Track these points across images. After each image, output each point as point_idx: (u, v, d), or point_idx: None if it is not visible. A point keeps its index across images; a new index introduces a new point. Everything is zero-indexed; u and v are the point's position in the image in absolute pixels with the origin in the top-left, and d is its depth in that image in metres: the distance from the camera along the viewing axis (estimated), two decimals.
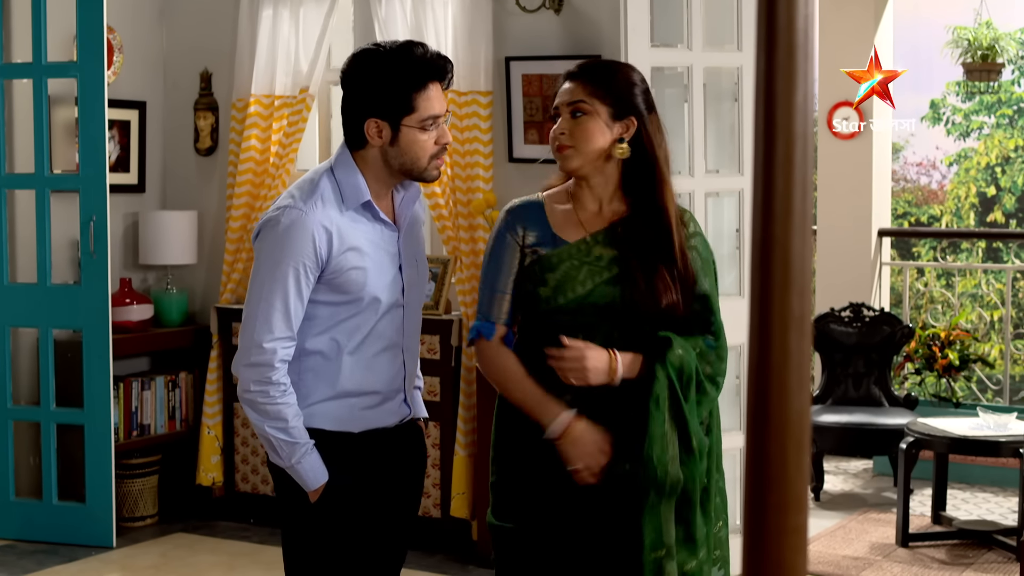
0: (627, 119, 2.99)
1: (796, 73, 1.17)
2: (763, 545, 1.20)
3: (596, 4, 5.49)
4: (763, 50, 1.17)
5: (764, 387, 1.19)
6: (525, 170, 5.69)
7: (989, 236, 13.10)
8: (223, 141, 6.53)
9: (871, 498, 6.89)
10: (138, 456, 6.21)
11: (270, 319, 3.01)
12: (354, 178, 3.08)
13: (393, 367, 3.18)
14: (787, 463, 1.20)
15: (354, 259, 3.04)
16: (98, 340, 5.76)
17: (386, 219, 3.13)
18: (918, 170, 14.44)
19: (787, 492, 1.20)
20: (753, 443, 1.20)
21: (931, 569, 5.59)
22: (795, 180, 1.17)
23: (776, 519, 1.20)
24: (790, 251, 1.17)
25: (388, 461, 3.24)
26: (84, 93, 5.70)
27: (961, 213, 13.80)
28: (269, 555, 5.74)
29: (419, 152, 3.07)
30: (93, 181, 5.73)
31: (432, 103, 3.05)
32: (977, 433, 5.80)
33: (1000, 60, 7.94)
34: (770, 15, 1.16)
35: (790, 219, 1.17)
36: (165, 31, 6.67)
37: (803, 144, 1.17)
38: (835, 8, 8.26)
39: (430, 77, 3.05)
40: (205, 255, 6.57)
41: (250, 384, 3.03)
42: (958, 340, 7.54)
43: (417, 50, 3.07)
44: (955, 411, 7.17)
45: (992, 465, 7.09)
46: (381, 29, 5.84)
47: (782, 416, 1.19)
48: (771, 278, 1.18)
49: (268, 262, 3.03)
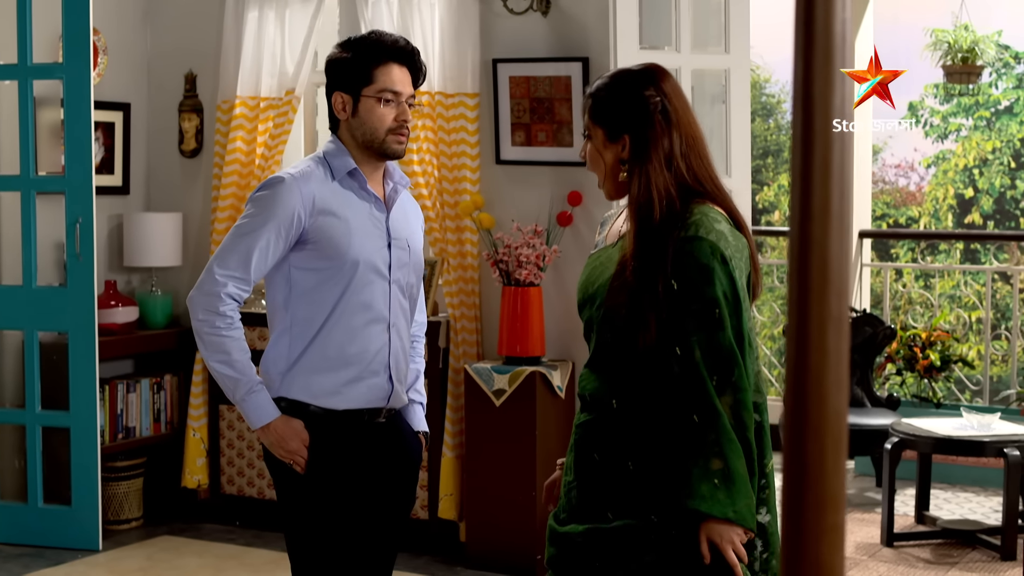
0: (620, 139, 2.96)
1: (834, 76, 1.18)
2: (802, 543, 1.21)
3: (583, 6, 5.50)
4: (801, 53, 1.18)
5: (802, 387, 1.21)
6: (512, 172, 5.71)
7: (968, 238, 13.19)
8: (208, 143, 6.52)
9: (854, 498, 6.93)
10: (123, 459, 6.19)
11: (228, 256, 3.21)
12: (341, 153, 3.30)
13: (378, 341, 3.27)
14: (825, 462, 1.21)
15: (336, 223, 3.22)
16: (84, 342, 5.74)
17: (374, 193, 3.30)
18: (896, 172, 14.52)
19: (825, 491, 1.21)
20: (791, 442, 1.22)
21: (917, 568, 5.63)
22: (832, 182, 1.18)
23: (815, 517, 1.21)
24: (828, 252, 1.19)
25: (378, 453, 3.31)
26: (70, 95, 5.68)
27: (939, 215, 13.88)
28: (256, 557, 5.74)
29: (376, 123, 3.25)
30: (79, 183, 5.71)
31: (391, 78, 3.26)
32: (962, 433, 5.83)
33: (980, 63, 8.00)
34: (808, 19, 1.18)
35: (828, 220, 1.19)
36: (149, 32, 6.65)
37: (840, 146, 1.19)
38: None
39: (391, 56, 3.27)
40: (190, 257, 6.55)
41: (199, 311, 3.22)
42: (939, 341, 7.59)
43: (385, 36, 3.31)
44: (936, 411, 7.21)
45: (973, 465, 7.13)
46: (368, 31, 5.84)
47: (820, 416, 1.20)
48: (809, 279, 1.19)
49: (246, 216, 3.25)
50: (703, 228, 2.86)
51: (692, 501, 2.77)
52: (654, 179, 2.91)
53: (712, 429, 2.78)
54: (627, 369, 2.91)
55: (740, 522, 2.78)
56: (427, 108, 5.70)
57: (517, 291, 5.43)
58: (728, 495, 2.78)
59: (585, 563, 2.96)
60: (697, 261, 2.84)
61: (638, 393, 2.89)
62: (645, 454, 2.88)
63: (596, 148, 2.98)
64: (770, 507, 2.92)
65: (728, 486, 2.78)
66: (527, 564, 5.43)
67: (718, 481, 2.77)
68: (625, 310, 2.88)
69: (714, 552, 2.80)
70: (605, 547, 2.92)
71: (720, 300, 2.83)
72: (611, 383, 2.94)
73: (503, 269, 5.46)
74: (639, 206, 2.92)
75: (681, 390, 2.82)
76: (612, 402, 2.93)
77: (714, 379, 2.81)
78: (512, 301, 5.44)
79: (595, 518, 2.94)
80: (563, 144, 5.56)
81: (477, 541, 5.54)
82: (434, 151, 5.73)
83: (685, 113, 3.01)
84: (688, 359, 2.81)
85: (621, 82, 2.99)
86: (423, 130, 5.71)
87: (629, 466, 2.89)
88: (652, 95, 2.96)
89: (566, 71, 5.49)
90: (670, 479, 2.82)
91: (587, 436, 2.99)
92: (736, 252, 2.88)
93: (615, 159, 2.97)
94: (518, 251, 5.41)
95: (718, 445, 2.78)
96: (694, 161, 2.97)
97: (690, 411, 2.80)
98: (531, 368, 5.37)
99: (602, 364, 2.98)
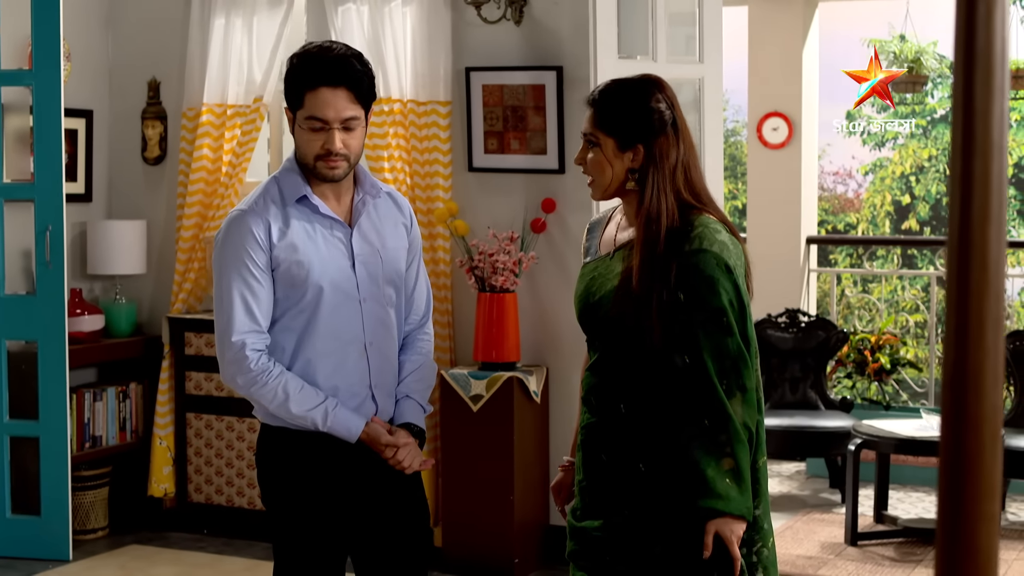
0: (633, 148, 3.00)
1: (994, 88, 1.25)
2: (960, 531, 1.28)
3: (556, 16, 5.57)
4: (961, 66, 1.25)
5: (961, 383, 1.27)
6: (485, 180, 5.76)
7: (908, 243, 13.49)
8: (172, 150, 6.49)
9: (810, 499, 7.05)
10: (87, 468, 6.15)
11: (231, 317, 3.13)
12: (292, 177, 3.20)
13: (355, 365, 3.21)
14: (983, 454, 1.28)
15: (293, 252, 3.14)
16: (53, 351, 5.70)
17: (331, 214, 3.20)
18: (835, 179, 14.78)
19: (983, 481, 1.28)
20: (950, 436, 1.28)
21: (884, 567, 5.76)
22: (992, 189, 1.25)
23: (973, 507, 1.28)
24: (988, 256, 1.26)
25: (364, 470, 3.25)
26: (40, 102, 5.64)
27: (877, 221, 14.15)
28: (229, 565, 5.73)
29: (305, 148, 3.17)
30: (49, 190, 5.67)
31: (318, 104, 3.11)
32: (923, 434, 5.98)
33: (925, 72, 8.18)
34: (969, 34, 1.25)
35: (987, 226, 1.26)
36: (111, 39, 6.61)
37: (999, 155, 1.26)
38: (765, 22, 8.45)
39: (321, 79, 3.11)
40: (154, 265, 6.52)
41: (237, 379, 3.15)
42: (887, 344, 7.75)
43: (323, 54, 3.15)
44: (888, 413, 7.36)
45: (923, 466, 7.30)
46: (338, 39, 5.85)
47: (979, 411, 1.27)
48: (969, 282, 1.26)
49: (218, 265, 3.18)
50: (706, 240, 2.95)
51: (709, 500, 2.88)
52: (664, 189, 2.98)
53: (724, 431, 2.89)
54: (635, 375, 2.99)
55: (748, 518, 2.91)
56: (399, 116, 5.74)
57: (493, 297, 5.48)
58: (739, 493, 2.90)
59: (601, 555, 3.05)
60: (703, 273, 2.93)
61: (646, 398, 2.98)
62: (656, 456, 2.97)
63: (606, 157, 3.01)
64: (762, 498, 3.03)
65: (739, 484, 2.90)
66: (504, 568, 5.48)
67: (730, 480, 2.89)
68: (632, 320, 2.95)
69: (717, 543, 2.91)
70: (620, 540, 3.01)
71: (727, 308, 2.93)
72: (618, 388, 3.02)
73: (479, 276, 5.50)
74: (648, 216, 2.97)
75: (691, 395, 2.92)
76: (620, 406, 3.01)
77: (724, 383, 2.92)
78: (488, 307, 5.49)
79: (609, 513, 3.03)
80: (536, 152, 5.62)
81: (454, 545, 5.57)
82: (406, 158, 5.77)
83: (685, 123, 3.09)
84: (699, 366, 2.91)
85: (629, 91, 3.03)
86: (395, 137, 5.74)
87: (640, 467, 2.99)
88: (661, 105, 3.01)
89: (540, 80, 5.56)
90: (683, 479, 2.92)
91: (594, 438, 3.07)
92: (737, 260, 2.98)
93: (624, 168, 3.01)
94: (494, 258, 5.46)
95: (729, 446, 2.89)
96: (692, 172, 3.05)
97: (701, 415, 2.90)
98: (508, 374, 5.42)
99: (609, 370, 3.05)
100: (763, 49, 8.44)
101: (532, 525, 5.63)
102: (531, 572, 5.60)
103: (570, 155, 5.55)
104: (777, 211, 8.41)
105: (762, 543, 3.03)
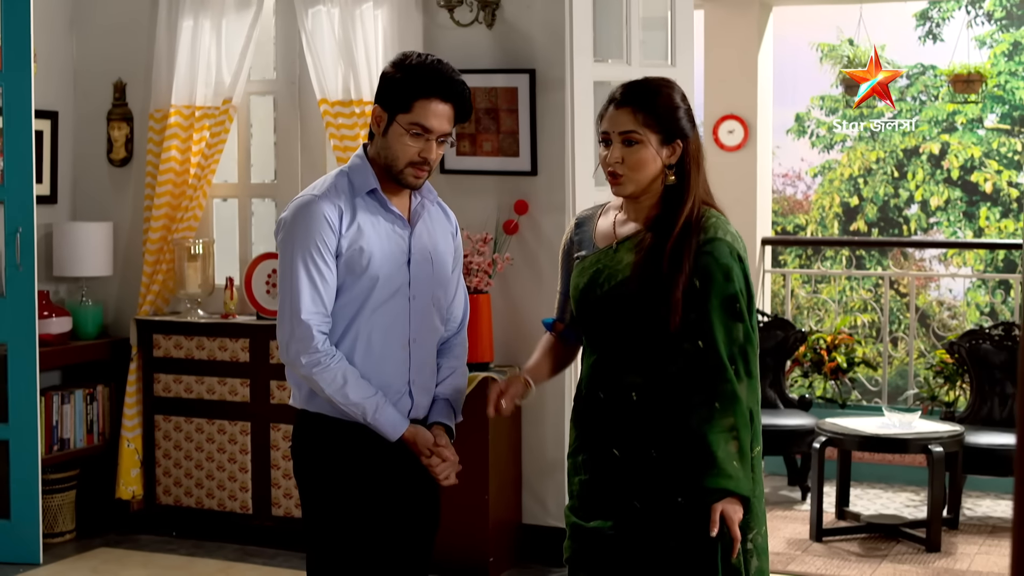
0: (674, 143, 3.13)
1: None
2: None
3: (529, 19, 5.62)
4: None
5: None
6: (458, 182, 5.79)
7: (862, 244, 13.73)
8: (139, 152, 6.47)
9: (770, 497, 7.15)
10: (55, 471, 6.12)
11: (299, 299, 3.20)
12: (363, 171, 3.29)
13: (397, 358, 3.29)
14: None
15: (358, 240, 3.22)
16: (24, 354, 5.67)
17: (396, 211, 3.30)
18: (784, 181, 14.94)
19: None
20: None
21: (850, 562, 5.86)
22: None
23: None
24: None
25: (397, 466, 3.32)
26: (9, 103, 5.61)
27: (825, 222, 14.34)
28: (201, 567, 5.73)
29: (399, 152, 3.24)
30: (19, 192, 5.64)
31: (428, 114, 3.22)
32: (886, 431, 6.10)
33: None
34: None
35: None
36: (76, 40, 6.58)
37: None
38: (721, 26, 8.55)
39: (437, 93, 3.22)
40: (120, 267, 6.50)
41: (300, 358, 3.20)
42: (843, 344, 7.88)
43: (444, 68, 3.26)
44: (846, 411, 7.49)
45: (880, 463, 7.43)
46: (308, 41, 5.87)
47: None
48: None
49: (288, 248, 3.23)
50: (720, 230, 3.11)
51: (719, 480, 2.98)
52: (697, 182, 3.11)
53: (732, 414, 3.02)
54: (645, 362, 3.08)
55: (751, 499, 3.03)
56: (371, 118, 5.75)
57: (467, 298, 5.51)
58: (744, 474, 3.01)
59: (614, 554, 3.10)
60: (719, 261, 3.06)
61: (659, 384, 3.07)
62: (667, 441, 3.06)
63: (653, 152, 3.10)
64: (757, 485, 3.12)
65: (744, 465, 3.01)
66: (479, 566, 5.52)
67: (737, 462, 3.00)
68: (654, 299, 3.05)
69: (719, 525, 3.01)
70: (635, 536, 3.08)
71: (740, 295, 3.07)
72: (629, 377, 3.10)
73: None
74: (686, 208, 3.10)
75: (703, 378, 3.03)
76: (632, 395, 3.08)
77: (735, 367, 3.04)
78: None
79: (621, 509, 3.09)
80: (509, 154, 5.67)
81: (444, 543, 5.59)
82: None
83: None
84: (712, 350, 3.03)
85: (663, 90, 3.16)
86: (366, 139, 5.75)
87: (652, 454, 3.07)
88: (687, 105, 3.18)
89: (513, 82, 5.60)
90: (693, 460, 3.01)
91: (603, 434, 3.14)
92: (744, 252, 3.13)
93: (662, 165, 3.12)
94: (468, 259, 5.50)
95: (736, 429, 3.02)
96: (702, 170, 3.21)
97: (712, 398, 3.02)
98: (482, 374, 5.46)
99: (616, 361, 3.12)
100: (719, 52, 8.55)
101: (506, 524, 5.68)
102: (505, 570, 5.65)
103: (543, 157, 5.60)
104: (733, 213, 8.35)
105: (756, 529, 3.11)
